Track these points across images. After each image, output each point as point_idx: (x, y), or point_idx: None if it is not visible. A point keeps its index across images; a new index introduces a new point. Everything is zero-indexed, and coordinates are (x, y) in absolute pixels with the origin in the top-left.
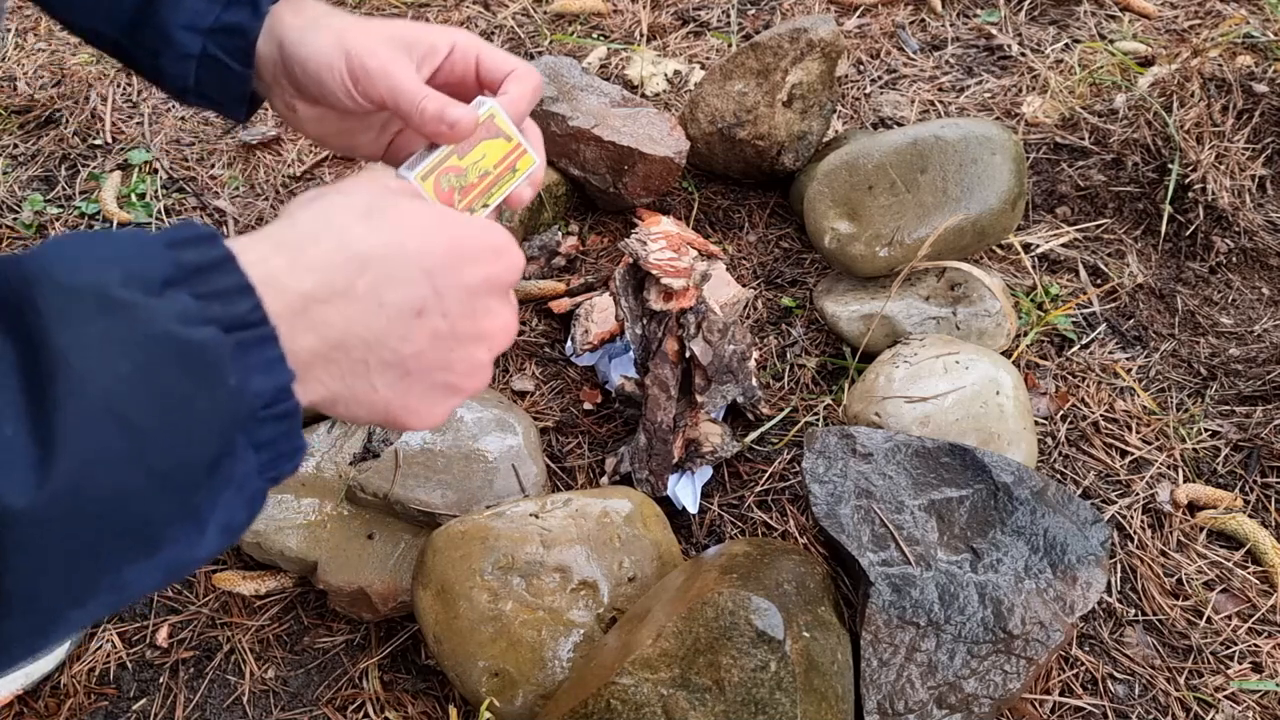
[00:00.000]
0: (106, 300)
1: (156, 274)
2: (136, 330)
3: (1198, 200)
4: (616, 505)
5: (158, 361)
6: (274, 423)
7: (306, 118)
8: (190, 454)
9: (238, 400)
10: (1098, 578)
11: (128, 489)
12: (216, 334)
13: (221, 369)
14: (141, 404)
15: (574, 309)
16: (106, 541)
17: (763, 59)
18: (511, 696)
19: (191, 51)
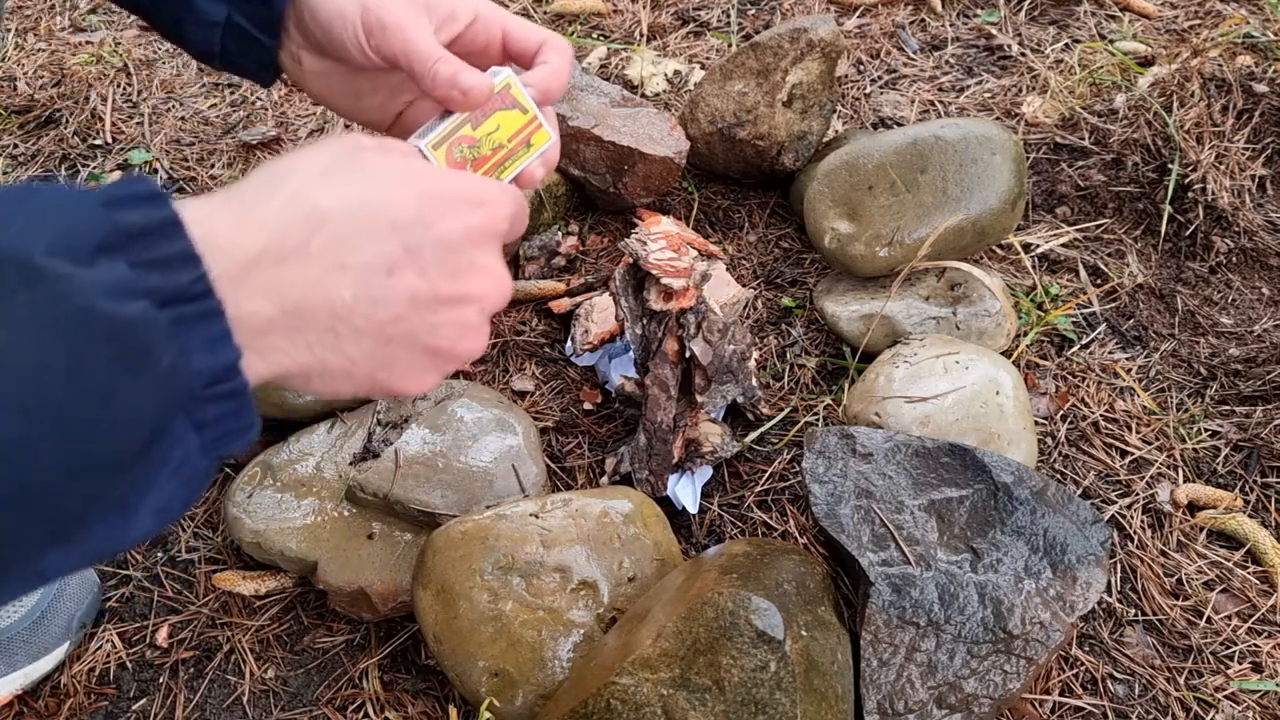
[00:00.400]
0: (29, 270)
1: (91, 238)
2: (57, 307)
3: (1198, 200)
4: (616, 505)
5: (78, 343)
6: (218, 402)
7: (312, 72)
8: (112, 443)
9: (172, 382)
10: (1098, 578)
11: (35, 481)
12: (149, 309)
13: (153, 350)
14: (54, 391)
15: (574, 309)
16: (16, 531)
17: (763, 59)
18: (511, 696)
19: (216, 19)
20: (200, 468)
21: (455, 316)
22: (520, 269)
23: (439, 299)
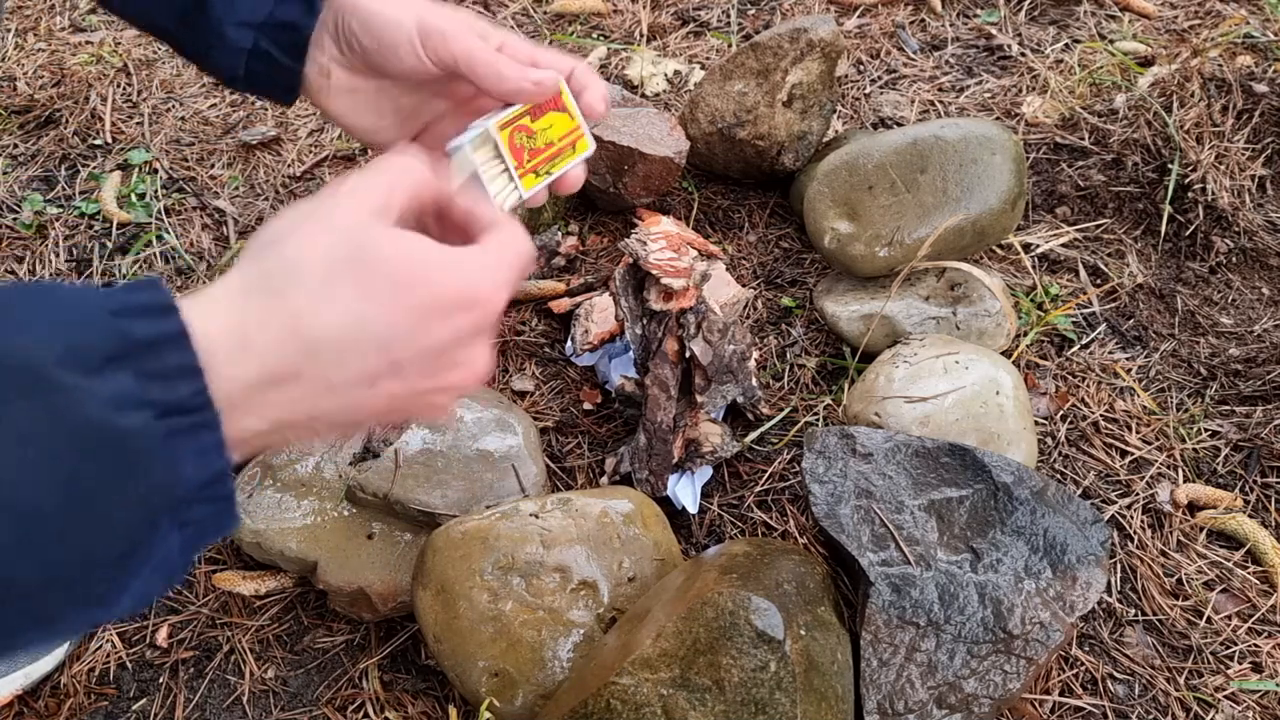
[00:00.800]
0: (39, 381)
1: (102, 350)
2: (62, 418)
3: (1198, 200)
4: (616, 505)
5: (76, 452)
6: (205, 504)
7: (339, 88)
8: (98, 547)
9: (164, 490)
10: (1098, 578)
11: (20, 578)
12: (148, 421)
13: (147, 461)
14: (46, 497)
15: (574, 309)
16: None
17: (763, 59)
18: (511, 696)
19: (244, 45)
20: (178, 563)
21: (425, 401)
22: None
23: (414, 393)
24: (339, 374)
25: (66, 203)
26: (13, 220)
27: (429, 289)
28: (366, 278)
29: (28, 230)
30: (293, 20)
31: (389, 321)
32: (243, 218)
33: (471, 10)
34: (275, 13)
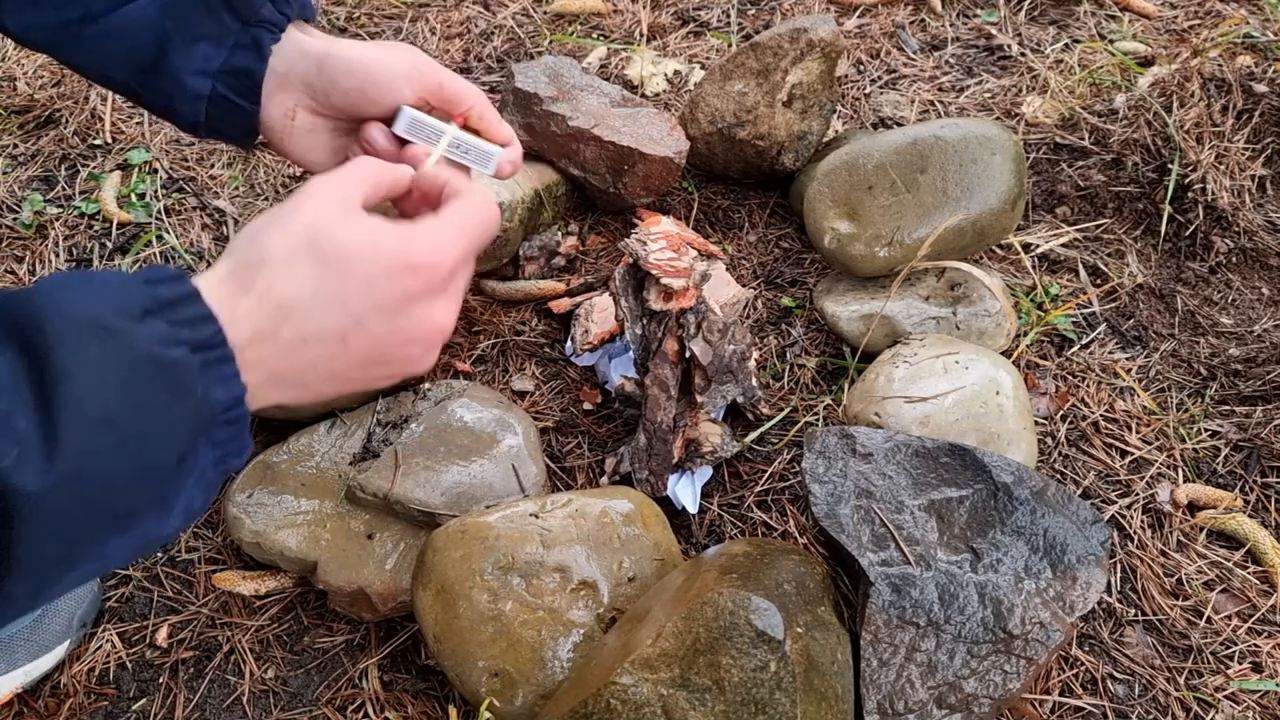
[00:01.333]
0: (101, 327)
1: (138, 306)
2: (124, 352)
3: (1198, 200)
4: (616, 505)
5: (140, 376)
6: (228, 426)
7: (302, 127)
8: (164, 450)
9: (202, 408)
10: (1098, 578)
11: (115, 478)
12: (187, 354)
13: (191, 383)
14: (127, 410)
15: (574, 309)
16: (95, 520)
17: (763, 59)
18: (511, 696)
19: (202, 93)
20: (212, 478)
21: (401, 354)
22: (520, 269)
23: (385, 347)
24: (308, 329)
25: (66, 203)
26: (13, 220)
27: (376, 256)
28: (321, 255)
29: (28, 230)
30: (246, 66)
31: (343, 284)
32: (243, 218)
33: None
34: (230, 60)
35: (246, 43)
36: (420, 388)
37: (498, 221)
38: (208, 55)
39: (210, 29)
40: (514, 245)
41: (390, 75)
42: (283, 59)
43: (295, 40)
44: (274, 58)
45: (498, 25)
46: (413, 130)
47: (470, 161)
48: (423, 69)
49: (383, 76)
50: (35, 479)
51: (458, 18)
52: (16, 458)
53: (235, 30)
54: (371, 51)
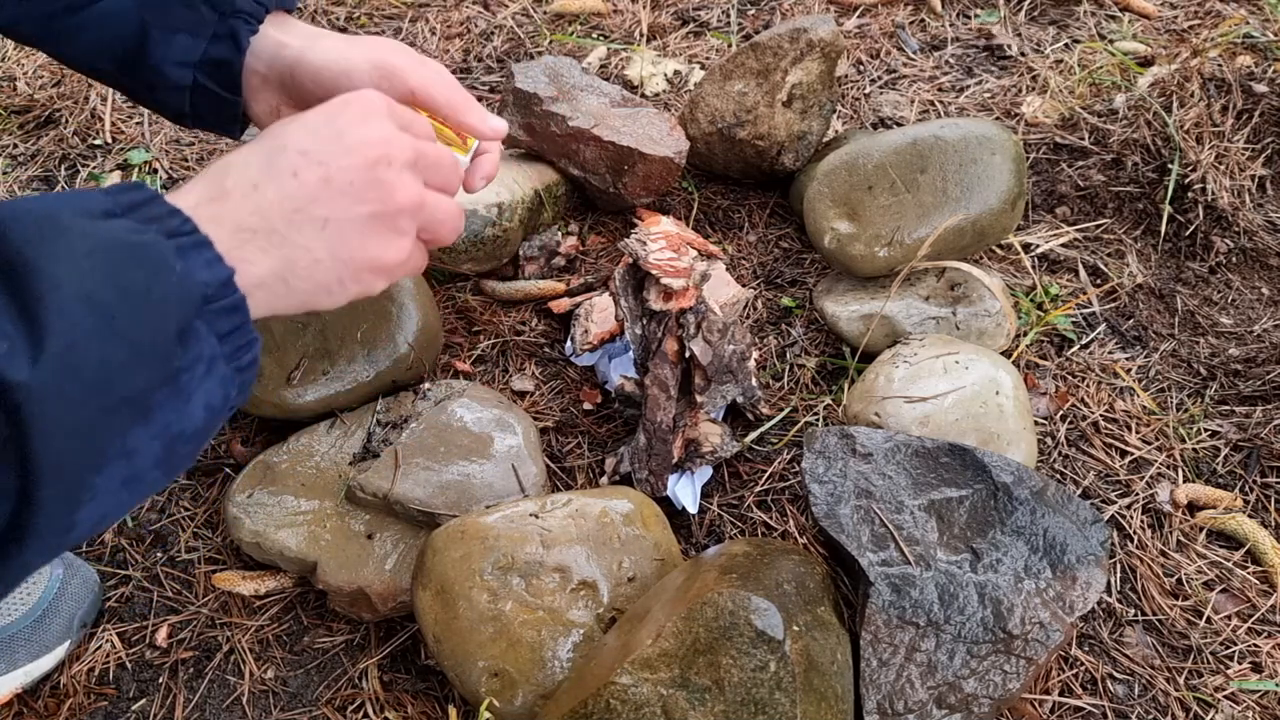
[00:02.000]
0: (64, 225)
1: (99, 208)
2: (91, 240)
3: (1197, 200)
4: (616, 505)
5: (113, 258)
6: (227, 314)
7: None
8: (157, 326)
9: (186, 286)
10: (1097, 578)
11: (111, 357)
12: (158, 238)
13: (166, 261)
14: (106, 289)
15: (574, 309)
16: (105, 405)
17: (763, 59)
18: (511, 696)
19: (184, 83)
20: (226, 372)
21: (366, 178)
22: (520, 269)
23: (344, 169)
24: (259, 173)
25: None
26: None
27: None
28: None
29: None
30: (225, 58)
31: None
32: None
33: (473, 8)
34: (209, 51)
35: (224, 34)
36: (420, 388)
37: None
38: (186, 47)
39: (187, 20)
40: (514, 245)
41: (356, 84)
42: (262, 60)
43: (273, 40)
44: (254, 58)
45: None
46: None
47: None
48: (392, 73)
49: (349, 85)
50: (22, 369)
51: (458, 18)
52: (6, 351)
53: (212, 21)
54: (341, 60)
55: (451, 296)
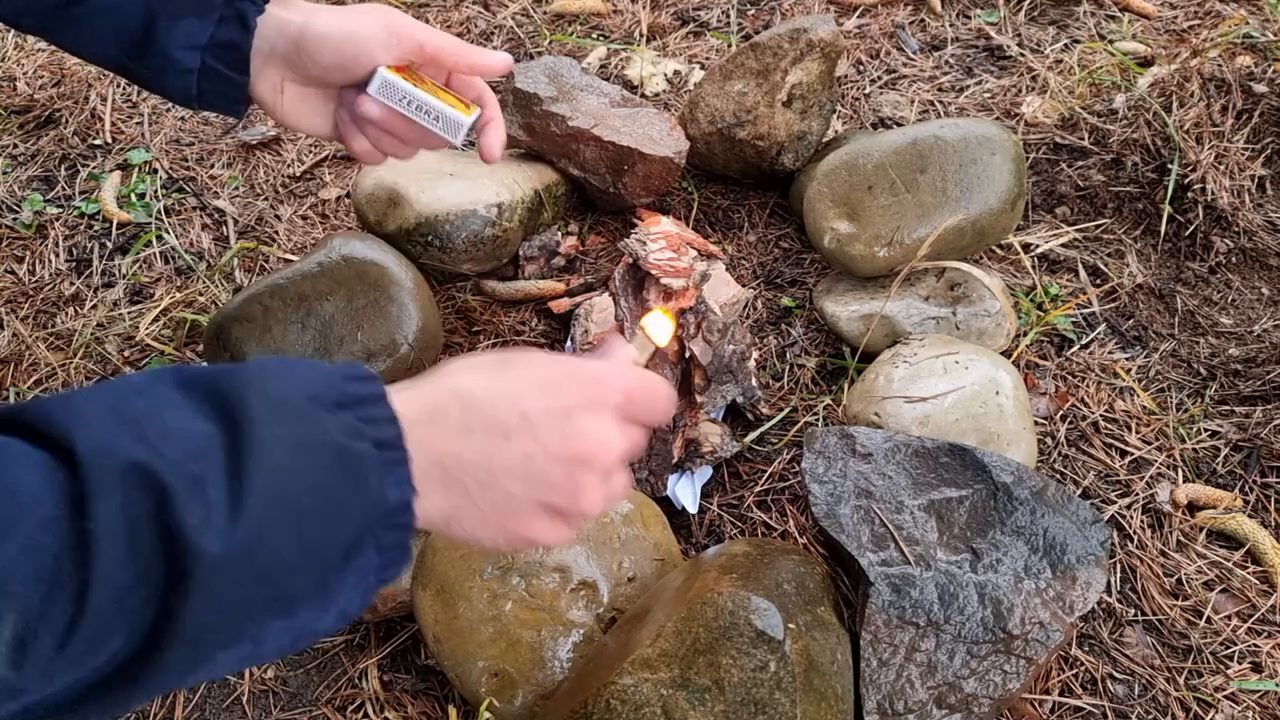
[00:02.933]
0: (298, 411)
1: (332, 397)
2: (315, 435)
3: (1197, 200)
4: (616, 505)
5: (326, 461)
6: (396, 530)
7: (292, 97)
8: (335, 537)
9: (377, 503)
10: (1097, 578)
11: (286, 555)
12: (370, 449)
13: (370, 476)
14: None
15: (574, 309)
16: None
17: (762, 59)
18: (511, 697)
19: (192, 66)
20: (371, 583)
21: (565, 473)
22: (520, 269)
23: (549, 457)
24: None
25: (66, 203)
26: (13, 220)
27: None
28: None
29: (28, 230)
30: (233, 39)
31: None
32: (242, 218)
33: (473, 8)
34: (216, 34)
35: (231, 16)
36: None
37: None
38: (194, 30)
39: (194, 5)
40: (514, 245)
41: (366, 45)
42: (265, 38)
43: (275, 17)
44: (259, 38)
45: (498, 25)
46: (383, 92)
47: (439, 130)
48: (399, 32)
49: (358, 47)
50: (217, 542)
51: (458, 18)
52: (203, 520)
53: (219, 5)
54: (346, 24)
55: (451, 296)
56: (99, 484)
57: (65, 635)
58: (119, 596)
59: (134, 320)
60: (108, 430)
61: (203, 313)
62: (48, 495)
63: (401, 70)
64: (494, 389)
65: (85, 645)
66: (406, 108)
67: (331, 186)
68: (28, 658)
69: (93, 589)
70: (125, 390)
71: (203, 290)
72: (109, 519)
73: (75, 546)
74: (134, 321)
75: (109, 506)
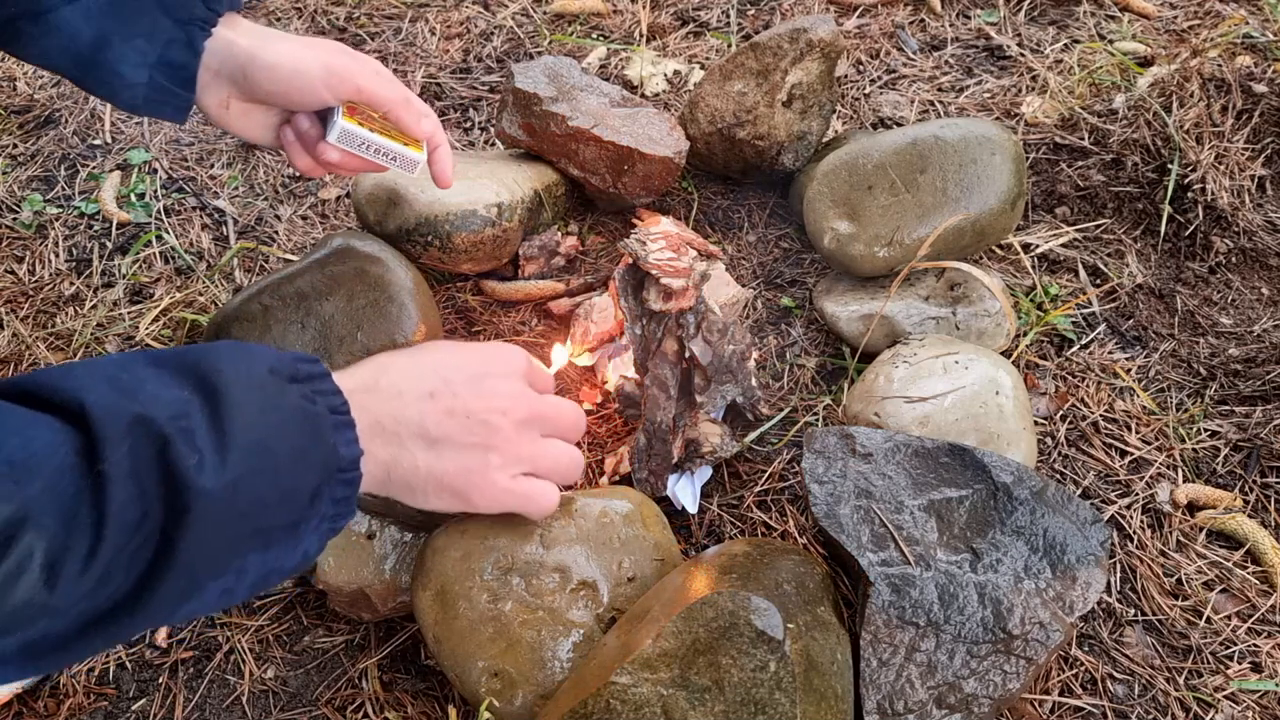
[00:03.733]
0: (261, 379)
1: (287, 373)
2: (279, 398)
3: (1197, 200)
4: (616, 505)
5: (290, 419)
6: (345, 485)
7: (237, 112)
8: (302, 483)
9: (331, 457)
10: (1097, 578)
11: (265, 496)
12: (325, 411)
13: (326, 433)
14: (280, 442)
15: (574, 309)
16: (244, 531)
17: (762, 59)
18: (511, 697)
19: (139, 82)
20: (326, 530)
21: (483, 421)
22: (520, 269)
23: (469, 410)
24: (405, 384)
25: (66, 203)
26: (12, 220)
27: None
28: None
29: (27, 230)
30: (181, 61)
31: (438, 357)
32: (242, 218)
33: (473, 8)
34: (165, 54)
35: (180, 39)
36: None
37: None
38: (144, 50)
39: (145, 27)
40: (514, 245)
41: (309, 82)
42: (214, 56)
43: (225, 39)
44: (207, 56)
45: (497, 25)
46: (343, 140)
47: (398, 168)
48: (341, 74)
49: (302, 83)
50: (212, 479)
51: (457, 18)
52: (198, 462)
53: (168, 28)
54: (292, 59)
55: (451, 296)
56: (109, 433)
57: (86, 562)
58: (129, 529)
59: (134, 320)
60: (109, 393)
61: (203, 312)
62: (61, 446)
63: (351, 111)
64: (418, 363)
65: (102, 573)
66: (364, 151)
67: (331, 186)
68: (58, 582)
69: (108, 523)
70: (109, 367)
71: (202, 290)
72: (119, 463)
73: (90, 488)
74: (134, 321)
75: (119, 453)
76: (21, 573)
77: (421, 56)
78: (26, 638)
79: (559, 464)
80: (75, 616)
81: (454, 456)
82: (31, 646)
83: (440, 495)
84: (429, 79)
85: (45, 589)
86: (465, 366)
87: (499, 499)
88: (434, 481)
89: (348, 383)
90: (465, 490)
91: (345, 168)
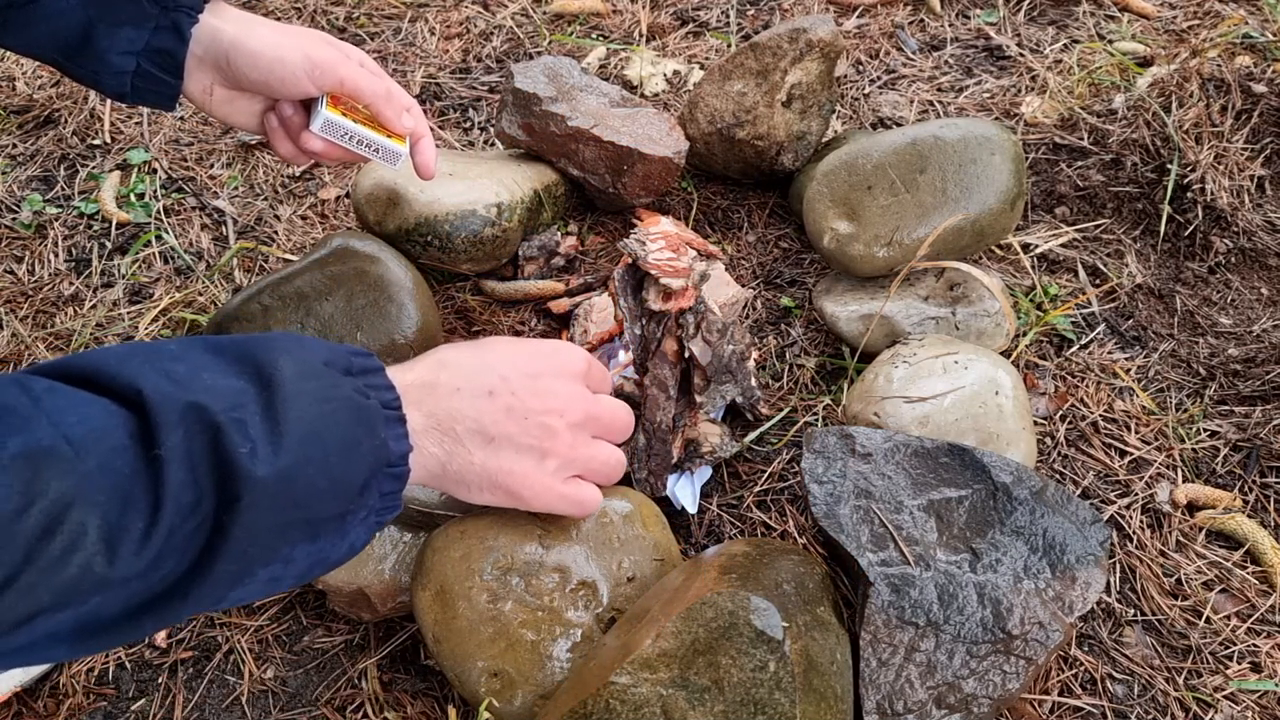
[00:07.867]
0: (317, 371)
1: (342, 365)
2: (333, 390)
3: (1197, 200)
4: (616, 505)
5: (343, 410)
6: (393, 479)
7: (220, 99)
8: (352, 475)
9: (382, 451)
10: (1097, 578)
11: (316, 484)
12: (377, 405)
13: (378, 427)
14: (332, 433)
15: (573, 309)
16: (294, 519)
17: (762, 59)
18: (510, 697)
19: (127, 69)
20: (373, 523)
21: (540, 421)
22: (519, 269)
23: (526, 409)
24: (464, 381)
25: (66, 203)
26: (12, 220)
27: (525, 344)
28: (482, 344)
29: (27, 230)
30: (168, 47)
31: (496, 354)
32: (242, 218)
33: (472, 8)
34: (152, 41)
35: (167, 25)
36: None
37: (601, 372)
38: (131, 38)
39: (132, 14)
40: (513, 245)
41: (291, 72)
42: (199, 43)
43: (210, 26)
44: (193, 43)
45: (497, 25)
46: (326, 130)
47: (380, 159)
48: (323, 66)
49: (284, 73)
50: (265, 467)
51: (457, 18)
52: (251, 450)
53: (155, 14)
54: (275, 48)
55: (451, 296)
56: (165, 419)
57: (142, 542)
58: (185, 512)
59: (133, 320)
60: (165, 381)
61: (202, 313)
62: (115, 428)
63: (335, 101)
64: (476, 359)
65: (157, 553)
66: (347, 141)
67: (331, 186)
68: (116, 557)
69: (165, 504)
70: (164, 355)
71: (202, 290)
72: (174, 447)
73: (147, 470)
74: (133, 321)
75: (174, 438)
76: (76, 547)
77: (421, 56)
78: (81, 615)
79: (606, 466)
80: (128, 596)
81: (510, 456)
82: (85, 625)
83: (493, 492)
84: (429, 79)
85: (105, 562)
86: (524, 365)
87: (550, 502)
88: (488, 479)
89: (405, 378)
90: (518, 490)
91: (328, 157)
